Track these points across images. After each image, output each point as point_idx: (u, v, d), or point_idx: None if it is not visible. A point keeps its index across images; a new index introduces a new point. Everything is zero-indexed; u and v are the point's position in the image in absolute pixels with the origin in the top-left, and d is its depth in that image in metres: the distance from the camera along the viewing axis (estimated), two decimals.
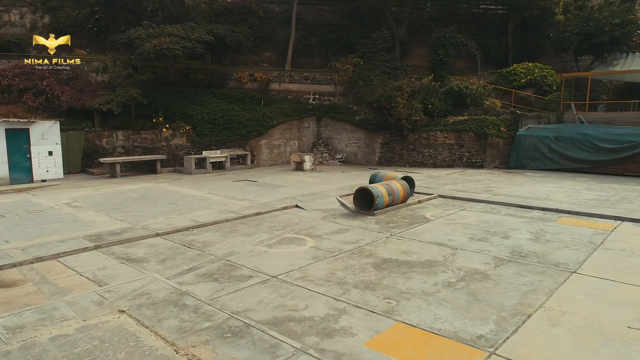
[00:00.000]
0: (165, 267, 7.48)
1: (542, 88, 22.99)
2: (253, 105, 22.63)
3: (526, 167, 20.12)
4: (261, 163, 22.06)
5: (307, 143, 24.06)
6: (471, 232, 9.68)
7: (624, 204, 12.30)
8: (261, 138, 22.00)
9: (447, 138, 21.27)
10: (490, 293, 6.36)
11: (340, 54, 27.30)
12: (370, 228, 10.14)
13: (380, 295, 6.28)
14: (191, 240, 9.12)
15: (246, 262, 7.75)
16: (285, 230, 9.90)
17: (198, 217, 10.87)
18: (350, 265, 7.57)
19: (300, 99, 24.58)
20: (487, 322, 5.43)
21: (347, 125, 23.36)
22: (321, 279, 6.92)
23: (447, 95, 22.41)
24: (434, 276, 7.04)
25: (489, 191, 14.46)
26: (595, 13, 23.73)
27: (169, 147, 19.99)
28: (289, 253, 8.28)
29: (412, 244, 8.80)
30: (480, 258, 7.94)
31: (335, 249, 8.52)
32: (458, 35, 24.67)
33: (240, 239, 9.20)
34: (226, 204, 12.57)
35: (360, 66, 23.25)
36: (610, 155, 18.15)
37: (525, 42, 28.78)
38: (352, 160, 23.30)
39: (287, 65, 26.17)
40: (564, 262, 7.73)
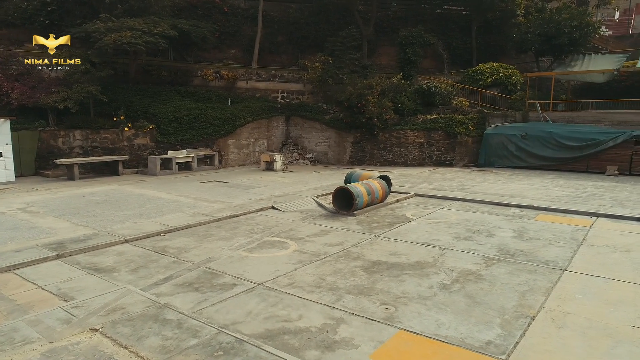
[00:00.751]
0: (139, 277, 6.84)
1: (507, 87, 23.47)
2: (220, 103, 21.87)
3: (494, 164, 20.43)
4: (229, 163, 21.33)
5: (276, 142, 23.51)
6: (455, 231, 9.53)
7: (595, 200, 12.55)
8: (229, 137, 21.28)
9: (418, 137, 21.30)
10: (488, 295, 6.14)
11: (308, 52, 26.91)
12: (353, 229, 9.80)
13: (376, 301, 5.93)
14: (164, 246, 8.47)
15: (227, 268, 7.22)
16: (264, 233, 9.41)
17: (169, 221, 10.19)
18: (339, 269, 7.19)
19: (269, 98, 24.01)
20: (492, 327, 5.19)
21: (317, 124, 23.00)
22: (311, 285, 6.50)
23: (416, 94, 22.47)
24: (428, 278, 6.76)
25: (463, 189, 14.46)
26: (555, 15, 24.47)
27: (131, 147, 18.96)
28: (272, 258, 7.81)
29: (399, 245, 8.53)
30: (470, 258, 7.75)
31: (320, 252, 8.11)
32: (425, 35, 24.82)
33: (218, 244, 8.64)
34: (198, 206, 11.91)
35: (330, 64, 22.96)
36: (574, 152, 18.67)
37: (488, 43, 29.41)
38: (323, 159, 22.96)
39: (253, 63, 25.52)
40: (553, 259, 7.66)
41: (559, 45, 24.01)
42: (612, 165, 17.86)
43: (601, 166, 18.11)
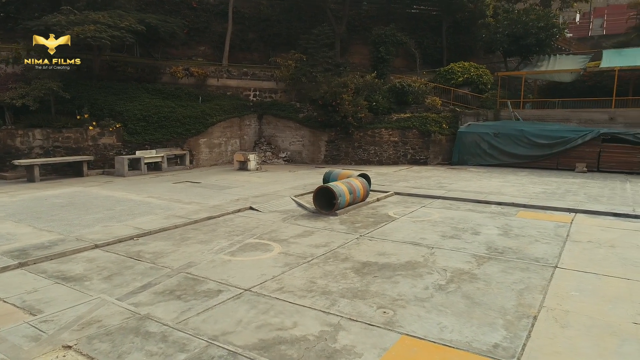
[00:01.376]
0: (113, 286, 6.30)
1: (478, 86, 23.78)
2: (190, 101, 21.14)
3: (468, 163, 20.61)
4: (201, 163, 20.64)
5: (248, 142, 22.96)
6: (440, 230, 9.38)
7: (570, 197, 12.74)
8: (200, 136, 20.59)
9: (392, 135, 21.24)
10: (486, 295, 5.96)
11: (279, 49, 26.50)
12: (337, 229, 9.50)
13: (372, 304, 5.64)
14: (139, 251, 7.91)
15: (210, 274, 6.76)
16: (245, 235, 8.97)
17: (142, 224, 9.59)
18: (328, 271, 6.86)
19: (240, 96, 23.43)
20: (496, 328, 4.99)
21: (290, 123, 22.60)
22: (302, 289, 6.15)
23: (390, 92, 22.43)
24: (421, 279, 6.53)
25: (442, 187, 14.42)
26: (522, 16, 24.99)
27: (96, 147, 18.01)
28: (256, 261, 7.40)
29: (386, 245, 8.28)
30: (460, 257, 7.59)
31: (307, 253, 7.77)
32: (398, 34, 24.84)
33: (197, 247, 8.15)
34: (171, 208, 11.33)
35: (303, 62, 22.60)
36: (544, 150, 19.04)
37: (458, 43, 29.82)
38: (297, 159, 22.58)
39: (224, 60, 24.87)
40: (542, 256, 7.59)
41: (527, 45, 24.53)
42: (581, 162, 18.31)
43: (571, 163, 18.54)
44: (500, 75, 23.09)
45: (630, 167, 17.48)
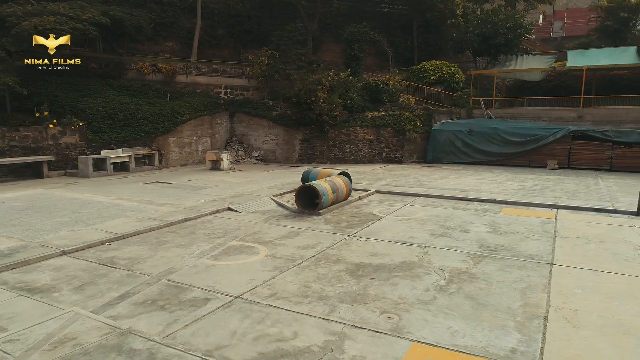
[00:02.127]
0: (87, 297, 5.68)
1: (450, 85, 23.93)
2: (158, 98, 20.23)
3: (442, 160, 20.66)
4: (170, 163, 19.78)
5: (220, 141, 22.22)
6: (429, 228, 9.15)
7: (549, 193, 12.83)
8: (169, 135, 19.73)
9: (367, 134, 21.04)
10: (489, 295, 5.72)
11: (250, 46, 25.85)
12: (322, 229, 9.11)
13: (375, 309, 5.29)
14: (112, 257, 7.26)
15: (194, 280, 6.23)
16: (227, 238, 8.45)
17: (113, 228, 8.90)
18: (322, 274, 6.47)
19: (211, 93, 22.64)
20: (509, 331, 4.73)
21: (263, 121, 22.02)
22: (296, 294, 5.73)
23: (364, 90, 22.22)
24: (420, 280, 6.24)
25: (421, 185, 14.28)
26: (492, 16, 25.38)
27: (57, 146, 16.89)
28: (242, 265, 6.91)
29: (377, 245, 7.96)
30: (455, 255, 7.35)
31: (295, 256, 7.34)
32: (371, 32, 24.69)
33: (176, 252, 7.57)
34: (144, 210, 10.62)
35: (276, 59, 22.07)
36: (517, 147, 19.31)
37: (428, 42, 30.05)
38: (271, 158, 22.04)
39: (193, 57, 23.98)
40: (535, 253, 7.46)
41: (496, 45, 24.94)
42: (552, 159, 18.66)
43: (542, 160, 18.86)
44: (472, 74, 23.31)
45: (599, 164, 17.94)
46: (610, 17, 28.69)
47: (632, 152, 17.41)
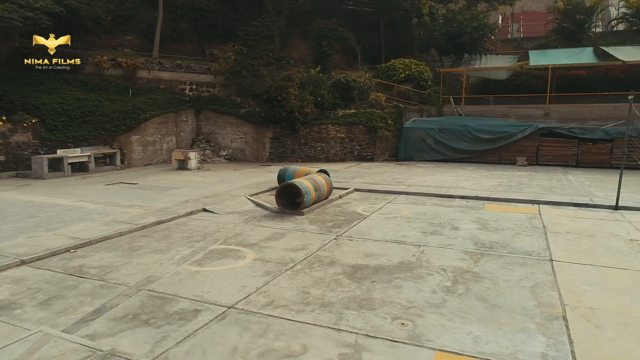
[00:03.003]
0: (56, 313, 4.95)
1: (419, 83, 23.96)
2: (119, 95, 19.05)
3: (414, 158, 20.59)
4: (134, 163, 18.67)
5: (186, 139, 21.24)
6: (418, 226, 8.85)
7: (526, 189, 12.88)
8: (132, 133, 18.61)
9: (339, 131, 20.70)
10: (500, 295, 5.43)
11: (215, 42, 24.95)
12: (308, 230, 8.62)
13: (385, 315, 4.87)
14: (80, 266, 6.49)
15: (179, 289, 5.60)
16: (207, 241, 7.81)
17: (78, 233, 8.05)
18: (319, 278, 5.99)
19: (175, 90, 21.61)
20: (532, 334, 4.43)
21: (231, 119, 21.24)
22: (296, 302, 5.22)
23: (335, 88, 21.86)
24: (424, 282, 5.88)
25: (399, 183, 14.05)
26: (458, 15, 25.64)
27: (7, 145, 15.51)
28: (230, 270, 6.32)
29: (370, 245, 7.57)
30: (452, 254, 7.06)
31: (286, 259, 6.82)
32: (340, 28, 24.39)
33: (153, 258, 6.88)
34: (110, 212, 9.76)
35: (244, 54, 21.34)
36: (487, 145, 19.50)
37: (394, 41, 30.06)
38: (240, 157, 21.28)
39: (154, 52, 22.88)
40: (531, 250, 7.29)
41: (461, 44, 25.19)
42: (521, 156, 18.95)
43: (512, 157, 19.14)
44: (442, 72, 23.43)
45: (566, 160, 18.37)
46: (567, 19, 29.69)
47: (597, 149, 17.92)
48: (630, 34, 29.11)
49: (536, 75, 24.01)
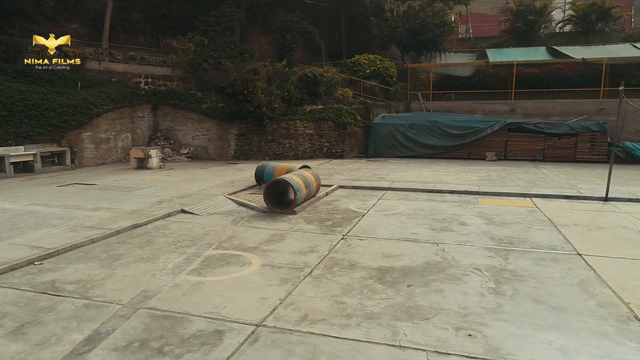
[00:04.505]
0: (35, 346, 3.86)
1: (385, 79, 23.67)
2: (66, 87, 17.18)
3: (383, 155, 20.23)
4: (85, 162, 16.89)
5: (142, 136, 19.61)
6: (423, 223, 8.29)
7: (510, 182, 12.75)
8: (83, 130, 16.83)
9: (307, 128, 19.93)
10: (553, 295, 4.94)
11: (170, 33, 23.37)
12: (308, 230, 7.82)
13: (444, 325, 4.20)
14: (52, 282, 5.32)
15: (186, 306, 4.64)
16: (200, 246, 6.80)
17: (40, 241, 6.77)
18: (346, 284, 5.23)
19: (129, 83, 19.90)
20: (618, 340, 3.94)
21: (192, 115, 19.86)
22: (334, 314, 4.44)
23: (301, 82, 21.04)
24: (465, 283, 5.29)
25: (381, 179, 13.52)
26: (420, 12, 25.66)
27: None
28: (239, 280, 5.42)
29: (383, 244, 6.90)
30: (476, 251, 6.54)
31: (298, 263, 6.00)
32: (304, 22, 23.62)
33: (141, 268, 5.81)
34: (73, 217, 8.44)
35: (205, 46, 20.02)
36: (457, 140, 19.48)
37: (355, 37, 29.70)
38: (202, 155, 19.95)
39: (103, 42, 21.00)
40: (552, 244, 6.93)
41: (423, 41, 25.23)
42: (490, 151, 19.09)
43: (481, 152, 19.23)
44: (409, 67, 23.27)
45: (533, 155, 18.69)
46: (520, 20, 30.64)
47: (562, 143, 18.36)
48: (576, 35, 30.42)
49: (492, 74, 24.48)
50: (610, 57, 19.81)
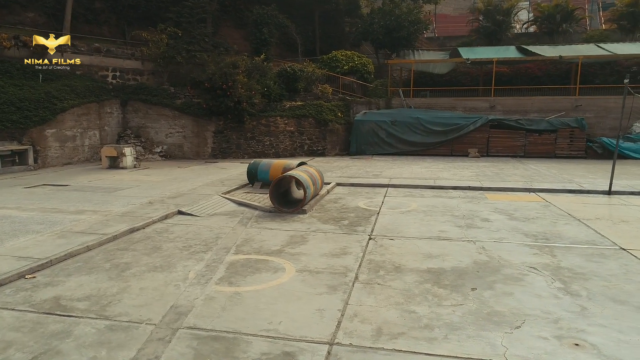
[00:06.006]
0: None
1: (363, 75, 23.28)
2: (26, 80, 15.63)
3: (366, 152, 19.80)
4: (50, 162, 15.41)
5: (111, 134, 18.21)
6: (444, 220, 7.85)
7: (508, 178, 12.58)
8: (47, 126, 15.34)
9: (288, 125, 19.20)
10: (631, 295, 4.59)
11: (137, 25, 21.96)
12: (328, 230, 7.19)
13: (541, 333, 3.72)
14: (56, 299, 4.43)
15: (233, 323, 3.92)
16: (217, 251, 6.03)
17: (25, 250, 5.78)
18: (404, 290, 4.66)
19: (95, 76, 18.43)
20: None
21: (166, 111, 18.66)
22: (410, 325, 3.87)
23: (280, 78, 20.29)
24: (529, 284, 4.85)
25: (376, 176, 13.05)
26: (395, 9, 25.48)
27: None
28: (279, 288, 4.73)
29: (417, 244, 6.38)
30: (517, 248, 6.16)
31: (337, 267, 5.37)
32: (280, 15, 22.85)
33: (159, 278, 5.00)
34: (56, 221, 7.39)
35: (179, 38, 18.88)
36: (440, 137, 19.33)
37: (328, 34, 29.22)
38: (177, 153, 18.78)
39: (64, 32, 19.38)
40: (589, 239, 6.66)
41: (398, 38, 25.08)
42: (472, 148, 19.06)
43: (464, 149, 19.17)
44: (390, 63, 22.99)
45: (514, 151, 18.81)
46: (489, 19, 31.16)
47: (542, 139, 18.58)
48: (541, 35, 31.24)
49: (463, 72, 24.72)
50: (586, 55, 20.22)
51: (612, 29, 28.50)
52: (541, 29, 31.63)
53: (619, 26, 27.21)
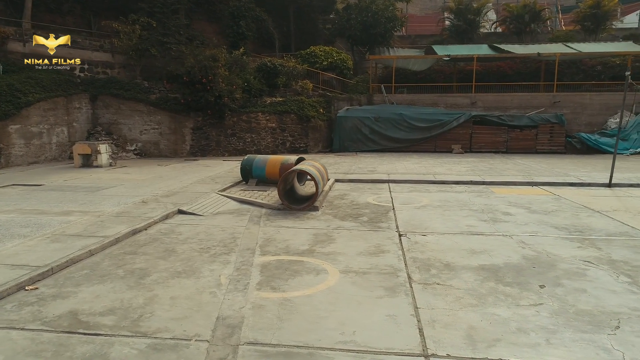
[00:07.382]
0: None
1: (342, 71, 22.89)
2: None
3: (349, 149, 19.41)
4: (14, 161, 14.07)
5: (80, 131, 16.92)
6: (466, 214, 7.53)
7: (505, 172, 12.49)
8: (10, 122, 14.00)
9: (270, 121, 18.53)
10: None
11: (104, 15, 20.60)
12: (350, 227, 6.70)
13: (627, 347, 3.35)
14: (73, 314, 3.72)
15: (300, 335, 3.37)
16: (241, 253, 5.40)
17: (18, 257, 4.97)
18: (470, 290, 4.25)
19: (62, 69, 17.11)
20: None
21: (140, 106, 17.55)
22: (502, 330, 3.44)
23: (260, 72, 19.58)
24: (595, 279, 4.55)
25: (371, 172, 12.67)
26: (372, 4, 25.26)
27: None
28: (332, 293, 4.19)
29: (453, 239, 6.02)
30: (557, 242, 5.90)
31: (381, 267, 4.90)
32: (257, 9, 22.11)
33: (187, 285, 4.35)
34: (44, 223, 6.51)
35: (152, 30, 17.81)
36: (424, 133, 19.20)
37: (303, 30, 28.69)
38: (153, 151, 17.70)
39: (24, 21, 17.93)
40: (622, 231, 6.50)
41: (375, 35, 24.89)
42: (456, 144, 19.05)
43: (447, 145, 19.13)
44: (372, 59, 22.70)
45: (497, 147, 18.94)
46: (460, 18, 31.54)
47: (524, 135, 18.80)
48: (509, 34, 31.90)
49: (437, 70, 24.80)
50: (563, 53, 20.62)
51: (576, 29, 29.38)
52: (509, 29, 32.24)
53: (583, 27, 28.04)
